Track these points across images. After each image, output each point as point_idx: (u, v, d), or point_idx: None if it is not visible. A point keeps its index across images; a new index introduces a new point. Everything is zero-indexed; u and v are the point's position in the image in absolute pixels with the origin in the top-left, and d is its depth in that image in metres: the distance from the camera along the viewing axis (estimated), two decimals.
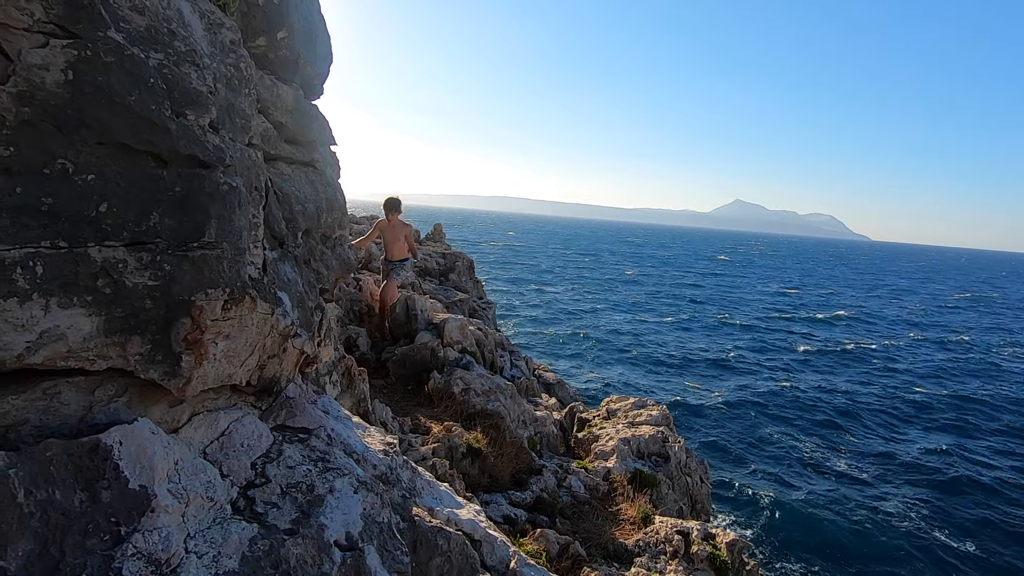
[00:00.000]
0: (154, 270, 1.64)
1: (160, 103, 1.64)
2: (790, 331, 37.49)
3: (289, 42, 2.73)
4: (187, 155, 1.71)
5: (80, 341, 1.53)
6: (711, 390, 23.67)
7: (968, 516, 14.69)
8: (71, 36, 1.47)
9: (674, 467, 6.84)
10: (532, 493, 5.43)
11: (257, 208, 2.17)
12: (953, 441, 19.72)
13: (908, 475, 16.67)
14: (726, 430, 19.35)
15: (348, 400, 4.65)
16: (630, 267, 77.46)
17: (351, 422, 2.68)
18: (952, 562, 12.59)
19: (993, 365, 31.79)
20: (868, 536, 13.49)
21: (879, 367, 29.43)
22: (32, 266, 1.43)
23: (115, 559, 1.40)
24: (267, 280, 2.14)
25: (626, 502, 5.73)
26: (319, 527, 1.84)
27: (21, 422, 1.51)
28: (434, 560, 2.19)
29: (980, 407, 23.64)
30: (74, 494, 1.42)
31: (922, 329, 42.20)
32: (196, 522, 1.64)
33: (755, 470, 16.36)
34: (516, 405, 6.91)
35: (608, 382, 23.70)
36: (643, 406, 8.09)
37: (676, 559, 4.79)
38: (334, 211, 3.14)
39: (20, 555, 1.28)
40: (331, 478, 2.04)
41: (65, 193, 1.48)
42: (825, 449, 18.08)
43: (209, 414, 1.99)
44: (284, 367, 2.31)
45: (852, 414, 21.87)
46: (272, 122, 2.71)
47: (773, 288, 63.70)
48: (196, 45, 1.85)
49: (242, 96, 2.13)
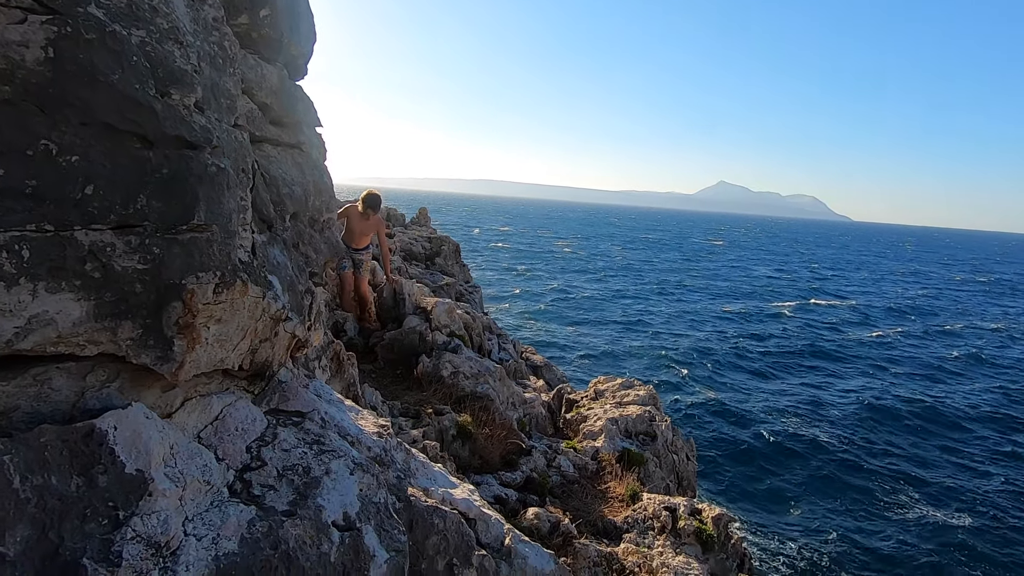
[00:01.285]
0: (143, 253, 1.61)
1: (144, 82, 1.60)
2: (780, 312, 38.09)
3: (272, 20, 2.67)
4: (173, 136, 1.68)
5: (70, 326, 1.50)
6: (698, 370, 24.03)
7: (935, 453, 15.28)
8: (50, 12, 1.43)
9: (661, 445, 6.96)
10: (522, 474, 5.49)
11: (245, 191, 2.13)
12: (925, 386, 20.81)
13: (901, 443, 17.25)
14: (714, 409, 19.69)
15: (338, 384, 4.64)
16: (620, 251, 77.80)
17: (344, 405, 2.68)
18: (935, 518, 13.08)
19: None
20: (846, 499, 13.96)
21: (869, 345, 30.11)
22: (18, 250, 1.40)
23: (115, 543, 1.40)
24: (257, 264, 2.12)
25: (614, 480, 5.83)
26: (317, 508, 1.85)
27: (12, 408, 1.49)
28: (431, 539, 2.22)
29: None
30: (70, 479, 1.41)
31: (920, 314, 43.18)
32: (194, 505, 1.64)
33: (742, 447, 16.71)
34: (505, 387, 6.95)
35: (595, 364, 23.93)
36: (630, 386, 8.19)
37: (664, 534, 4.91)
38: (321, 194, 3.11)
39: (18, 540, 1.28)
40: (327, 460, 2.05)
41: (49, 175, 1.44)
42: (809, 426, 18.50)
43: (202, 399, 1.98)
44: (276, 351, 2.30)
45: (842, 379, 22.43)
46: (257, 103, 2.66)
47: (764, 271, 64.56)
48: (179, 22, 1.80)
49: (227, 75, 2.08)
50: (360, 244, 7.35)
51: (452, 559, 2.25)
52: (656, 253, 78.98)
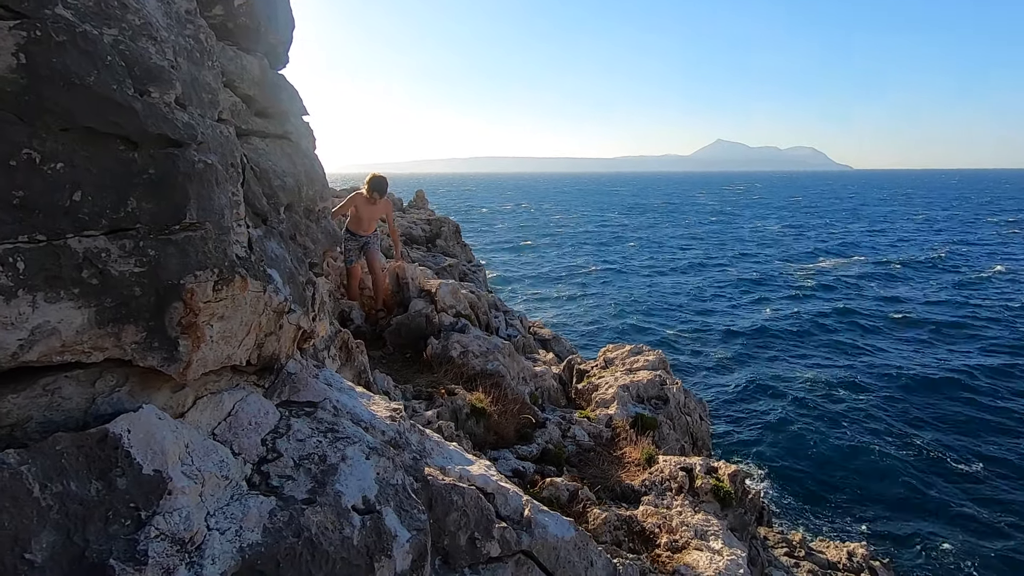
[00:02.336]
0: (138, 256, 1.60)
1: (121, 82, 1.57)
2: (786, 271, 37.90)
3: (248, 9, 2.61)
4: (156, 135, 1.65)
5: (73, 334, 1.51)
6: (705, 332, 24.09)
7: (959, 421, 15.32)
8: (16, 16, 1.39)
9: (673, 408, 7.01)
10: (538, 446, 5.56)
11: (236, 185, 2.11)
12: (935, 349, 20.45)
13: (905, 394, 17.23)
14: (723, 368, 19.80)
15: (348, 373, 4.68)
16: (620, 219, 77.38)
17: (355, 392, 2.70)
18: (960, 485, 13.08)
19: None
20: (858, 454, 14.06)
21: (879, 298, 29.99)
22: (12, 262, 1.39)
23: (139, 542, 1.43)
24: (254, 258, 2.11)
25: (629, 446, 5.89)
26: (336, 494, 1.88)
27: (25, 420, 1.50)
28: (451, 515, 2.25)
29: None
30: (89, 484, 1.43)
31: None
32: (214, 500, 1.66)
33: (754, 405, 16.84)
34: (515, 363, 6.99)
35: (603, 333, 24.03)
36: (639, 352, 8.22)
37: (682, 494, 4.97)
38: (314, 183, 3.08)
39: (44, 547, 1.30)
40: (342, 447, 2.07)
41: (36, 184, 1.43)
42: (822, 382, 18.56)
43: (213, 396, 2.00)
44: (282, 344, 2.31)
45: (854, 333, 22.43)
46: (240, 95, 2.62)
47: (774, 228, 63.86)
48: (150, 17, 1.76)
49: (205, 69, 2.05)
50: (368, 230, 7.31)
51: (474, 533, 2.29)
52: (656, 219, 78.53)
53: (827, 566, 6.53)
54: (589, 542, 2.66)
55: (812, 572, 6.13)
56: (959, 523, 11.47)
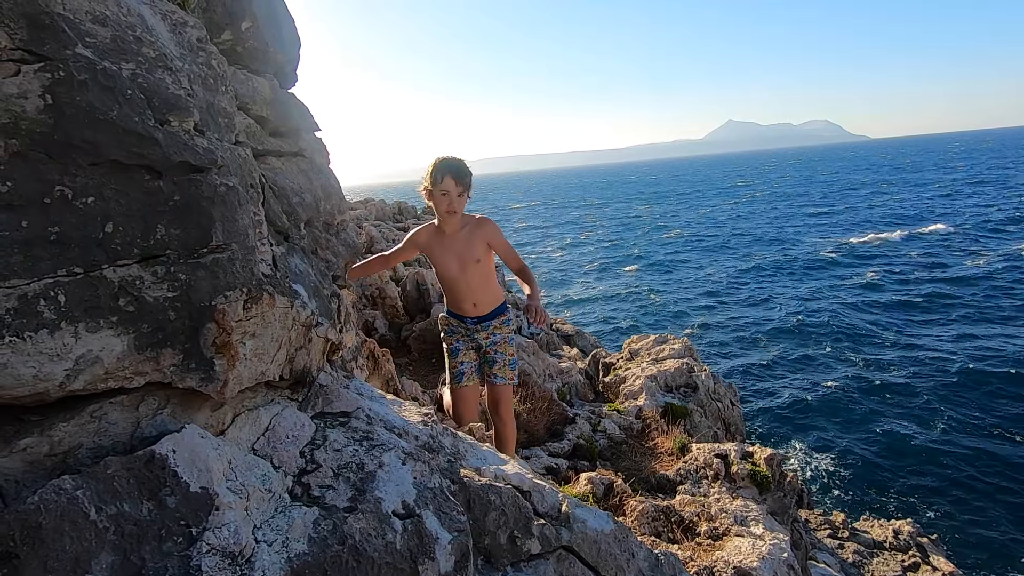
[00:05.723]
0: (171, 281, 1.65)
1: (142, 113, 1.62)
2: (811, 250, 37.20)
3: (255, 31, 2.66)
4: (179, 162, 1.70)
5: (115, 361, 1.56)
6: (729, 317, 23.79)
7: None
8: (41, 59, 1.45)
9: (703, 395, 6.95)
10: (569, 442, 5.56)
11: (257, 205, 2.16)
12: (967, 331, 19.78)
13: (935, 374, 16.77)
14: (749, 350, 19.53)
15: (376, 381, 4.74)
16: (638, 211, 76.79)
17: (385, 400, 2.74)
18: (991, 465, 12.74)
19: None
20: (898, 435, 13.73)
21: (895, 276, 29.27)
22: (54, 296, 1.44)
23: (192, 558, 1.47)
24: (280, 275, 2.15)
25: (661, 436, 5.85)
26: (376, 500, 1.91)
27: (76, 447, 1.56)
28: (489, 515, 2.27)
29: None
30: (141, 504, 1.48)
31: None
32: (260, 514, 1.70)
33: (784, 387, 16.59)
34: (540, 360, 7.00)
35: (625, 325, 23.88)
36: (664, 342, 8.16)
37: (718, 481, 4.93)
38: (331, 197, 3.13)
39: (104, 568, 1.35)
40: (378, 454, 2.11)
41: (69, 219, 1.48)
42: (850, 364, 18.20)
43: (250, 413, 2.04)
44: (312, 357, 2.35)
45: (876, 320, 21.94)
46: (253, 117, 2.67)
47: (801, 208, 62.57)
48: (164, 48, 1.81)
49: (220, 94, 2.09)
50: (475, 299, 3.68)
51: (513, 531, 2.30)
52: (676, 207, 77.71)
53: (873, 545, 6.40)
54: (629, 534, 2.65)
55: (858, 552, 6.02)
56: (1008, 506, 11.13)
